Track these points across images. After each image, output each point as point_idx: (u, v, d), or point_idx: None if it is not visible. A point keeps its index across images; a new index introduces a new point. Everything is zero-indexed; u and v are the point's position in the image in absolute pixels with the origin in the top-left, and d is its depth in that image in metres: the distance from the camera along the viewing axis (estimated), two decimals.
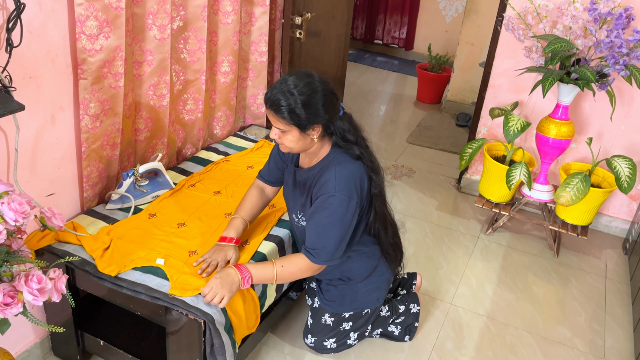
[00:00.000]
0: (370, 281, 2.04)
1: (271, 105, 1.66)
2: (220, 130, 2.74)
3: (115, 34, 1.87)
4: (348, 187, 1.71)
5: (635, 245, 2.85)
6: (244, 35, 2.69)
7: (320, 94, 1.66)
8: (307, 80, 1.66)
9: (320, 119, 1.68)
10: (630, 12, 2.40)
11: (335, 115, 1.72)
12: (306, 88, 1.64)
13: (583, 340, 2.39)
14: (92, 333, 1.97)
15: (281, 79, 1.68)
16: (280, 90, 1.64)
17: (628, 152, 2.95)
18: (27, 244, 1.70)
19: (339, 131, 1.74)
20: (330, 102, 1.68)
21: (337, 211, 1.71)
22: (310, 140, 1.72)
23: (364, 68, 5.77)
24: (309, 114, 1.65)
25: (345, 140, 1.75)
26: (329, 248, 1.75)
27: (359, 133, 1.79)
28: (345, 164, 1.75)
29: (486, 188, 2.98)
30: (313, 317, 2.11)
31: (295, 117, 1.64)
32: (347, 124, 1.75)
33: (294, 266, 1.79)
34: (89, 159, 1.96)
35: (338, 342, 2.12)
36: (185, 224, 2.01)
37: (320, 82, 1.68)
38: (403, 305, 2.25)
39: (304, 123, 1.66)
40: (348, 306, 2.06)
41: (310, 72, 1.71)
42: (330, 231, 1.73)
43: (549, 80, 2.47)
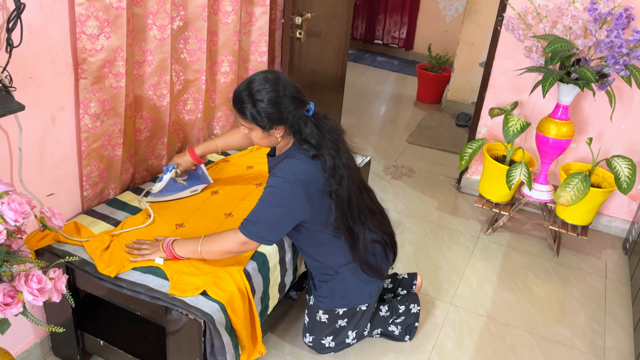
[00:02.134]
0: (358, 276, 2.03)
1: (235, 106, 1.78)
2: (220, 130, 2.74)
3: (116, 34, 1.87)
4: (294, 175, 1.76)
5: (635, 245, 2.85)
6: (244, 35, 2.69)
7: (283, 98, 1.73)
8: (271, 83, 1.72)
9: (282, 121, 1.76)
10: (630, 12, 2.40)
11: (298, 118, 1.77)
12: (269, 92, 1.71)
13: (583, 340, 2.39)
14: (92, 333, 1.97)
15: (247, 80, 1.76)
16: (245, 93, 1.73)
17: (628, 152, 2.95)
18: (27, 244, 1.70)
19: (299, 134, 1.80)
20: (292, 106, 1.75)
21: (276, 192, 1.77)
22: (275, 139, 1.82)
23: (364, 68, 5.77)
24: (271, 117, 1.74)
25: (305, 141, 1.79)
26: (261, 224, 1.76)
27: (327, 136, 1.80)
28: (300, 158, 1.80)
29: (486, 188, 2.98)
30: (309, 315, 2.12)
31: (257, 120, 1.75)
32: (311, 128, 1.78)
33: (218, 236, 1.78)
34: (89, 159, 1.96)
35: (336, 340, 2.12)
36: (184, 225, 2.01)
37: (284, 85, 1.74)
38: (403, 306, 2.25)
39: (266, 125, 1.76)
40: (339, 301, 2.05)
41: (277, 73, 1.77)
42: (266, 208, 1.77)
43: (549, 80, 2.47)
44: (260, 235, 1.76)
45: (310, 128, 1.78)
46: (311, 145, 1.78)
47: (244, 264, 1.83)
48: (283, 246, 2.01)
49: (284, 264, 2.02)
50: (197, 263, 1.81)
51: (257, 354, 1.86)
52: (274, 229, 1.78)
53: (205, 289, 1.70)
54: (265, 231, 1.76)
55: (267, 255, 1.92)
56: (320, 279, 2.05)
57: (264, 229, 1.76)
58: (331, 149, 1.80)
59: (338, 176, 1.80)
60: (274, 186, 1.77)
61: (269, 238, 1.79)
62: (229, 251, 1.78)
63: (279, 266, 1.99)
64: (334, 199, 1.82)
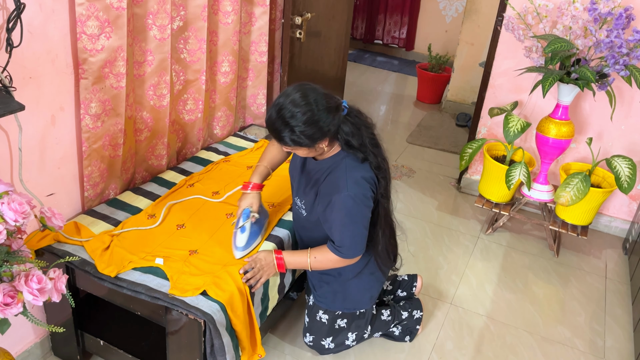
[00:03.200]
0: (361, 280, 2.03)
1: (274, 136, 1.71)
2: (220, 130, 2.74)
3: (116, 34, 1.87)
4: (358, 185, 1.76)
5: (635, 245, 2.85)
6: (244, 35, 2.70)
7: (318, 115, 1.65)
8: (302, 105, 1.64)
9: (324, 135, 1.70)
10: (630, 12, 2.40)
11: (338, 124, 1.73)
12: (303, 115, 1.64)
13: (583, 340, 2.39)
14: (92, 333, 1.97)
15: (277, 107, 1.67)
16: (280, 122, 1.66)
17: (628, 152, 2.95)
18: (27, 244, 1.70)
19: (343, 138, 1.76)
20: (329, 118, 1.68)
21: (353, 209, 1.76)
22: (322, 149, 1.77)
23: (364, 68, 5.77)
24: (311, 137, 1.68)
25: (350, 146, 1.77)
26: (354, 244, 1.83)
27: (365, 132, 1.78)
28: (354, 164, 1.79)
29: (486, 188, 2.98)
30: (309, 315, 2.12)
31: (299, 143, 1.69)
32: (350, 127, 1.75)
33: (325, 258, 1.87)
34: (90, 159, 1.96)
35: (335, 341, 2.12)
36: (185, 226, 2.01)
37: (315, 100, 1.66)
38: (406, 312, 2.26)
39: (309, 144, 1.70)
40: (340, 304, 2.06)
41: (303, 90, 1.68)
42: (352, 228, 1.80)
43: (549, 80, 2.47)
44: (358, 251, 1.85)
45: (349, 127, 1.75)
46: (355, 148, 1.77)
47: (244, 264, 1.83)
48: (283, 246, 2.01)
49: None
50: (197, 263, 1.82)
51: (257, 356, 1.86)
52: (365, 238, 1.85)
53: (205, 289, 1.70)
54: (360, 246, 1.84)
55: None
56: (322, 279, 2.05)
57: (356, 246, 1.83)
58: (371, 145, 1.80)
59: (383, 172, 1.82)
60: (350, 206, 1.76)
61: (363, 248, 1.86)
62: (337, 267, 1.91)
63: None
64: (382, 194, 1.84)
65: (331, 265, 1.89)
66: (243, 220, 1.88)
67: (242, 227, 1.88)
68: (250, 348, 1.83)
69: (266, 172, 2.00)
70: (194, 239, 1.94)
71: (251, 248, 1.91)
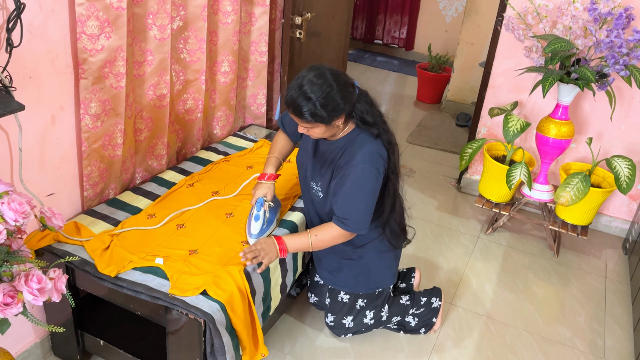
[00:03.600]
0: (383, 259, 2.10)
1: (293, 111, 1.76)
2: (220, 130, 2.74)
3: (116, 34, 1.87)
4: (373, 159, 1.81)
5: (635, 245, 2.85)
6: (244, 35, 2.69)
7: (336, 90, 1.73)
8: (321, 80, 1.72)
9: (342, 111, 1.77)
10: (630, 12, 2.40)
11: (353, 101, 1.80)
12: (322, 89, 1.71)
13: (583, 340, 2.39)
14: (92, 333, 1.97)
15: (296, 85, 1.74)
16: (301, 97, 1.72)
17: (628, 152, 2.95)
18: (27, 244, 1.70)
19: (358, 115, 1.82)
20: (346, 94, 1.76)
21: (365, 182, 1.81)
22: (338, 128, 1.83)
23: (364, 68, 5.77)
24: (330, 111, 1.74)
25: (365, 122, 1.83)
26: (359, 216, 1.86)
27: (376, 110, 1.87)
28: (369, 139, 1.84)
29: (486, 188, 2.98)
30: (330, 297, 2.17)
31: (318, 118, 1.74)
32: (364, 105, 1.83)
33: (327, 235, 1.90)
34: (90, 159, 1.96)
35: (355, 320, 2.16)
36: (185, 225, 2.01)
37: (333, 77, 1.74)
38: (425, 298, 2.29)
39: (327, 119, 1.75)
40: (363, 286, 2.12)
41: (320, 69, 1.76)
42: (360, 200, 1.84)
43: (549, 80, 2.47)
44: (361, 226, 1.88)
45: (363, 105, 1.82)
46: (370, 124, 1.83)
47: (244, 264, 1.83)
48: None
49: (284, 265, 2.02)
50: (197, 263, 1.82)
51: (260, 355, 1.85)
52: (369, 214, 1.88)
53: (206, 289, 1.70)
54: (364, 220, 1.87)
55: None
56: (342, 264, 2.09)
57: (362, 220, 1.87)
58: (382, 122, 1.86)
59: (392, 147, 1.87)
60: (363, 179, 1.81)
61: (367, 225, 1.89)
62: (339, 242, 1.94)
63: (280, 267, 1.99)
64: (391, 170, 1.89)
65: (333, 241, 1.91)
66: (257, 209, 1.92)
67: (256, 215, 1.92)
68: (252, 347, 1.83)
69: (278, 163, 2.07)
70: (194, 239, 1.94)
71: (265, 235, 1.96)
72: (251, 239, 1.92)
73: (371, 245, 2.06)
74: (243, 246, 1.93)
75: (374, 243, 2.06)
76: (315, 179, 1.97)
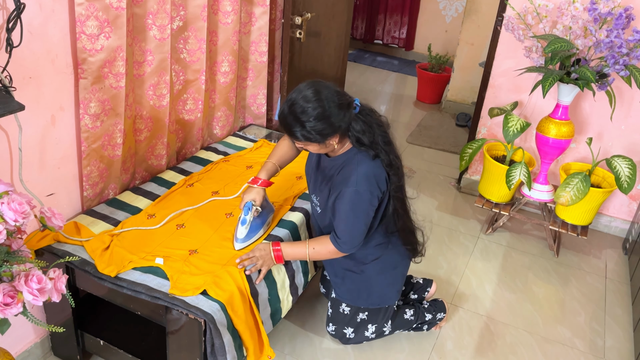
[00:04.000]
0: (385, 276, 2.07)
1: (285, 131, 1.76)
2: (220, 130, 2.74)
3: (116, 34, 1.87)
4: (368, 182, 1.79)
5: (635, 245, 2.85)
6: (244, 35, 2.69)
7: (329, 111, 1.69)
8: (313, 100, 1.68)
9: (334, 131, 1.73)
10: (630, 12, 2.40)
11: (348, 121, 1.75)
12: (314, 110, 1.68)
13: (583, 340, 2.39)
14: (92, 333, 1.97)
15: (288, 102, 1.72)
16: (291, 117, 1.70)
17: (628, 152, 2.95)
18: (27, 244, 1.70)
19: (354, 135, 1.78)
20: (340, 115, 1.71)
21: (357, 205, 1.81)
22: (332, 146, 1.80)
23: (364, 68, 5.77)
24: (322, 132, 1.71)
25: (361, 143, 1.79)
26: (352, 239, 1.87)
27: (377, 130, 1.81)
28: (366, 160, 1.81)
29: (486, 188, 2.98)
30: (332, 307, 2.17)
31: (309, 139, 1.73)
32: (361, 126, 1.77)
33: (324, 249, 1.91)
34: (89, 159, 1.96)
35: (356, 332, 2.16)
36: (185, 226, 2.01)
37: (326, 97, 1.69)
38: (430, 315, 2.29)
39: (319, 139, 1.73)
40: (365, 300, 2.10)
41: (315, 85, 1.72)
42: (353, 224, 1.84)
43: (549, 80, 2.47)
44: (351, 247, 1.89)
45: (360, 125, 1.78)
46: (367, 145, 1.79)
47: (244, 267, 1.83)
48: None
49: (289, 265, 2.02)
50: (197, 263, 1.82)
51: (266, 357, 1.85)
52: (362, 234, 1.88)
53: (206, 289, 1.70)
54: (354, 242, 1.88)
55: None
56: (345, 276, 2.08)
57: (355, 242, 1.88)
58: (383, 143, 1.82)
59: (394, 169, 1.85)
60: (356, 201, 1.80)
61: (361, 243, 1.90)
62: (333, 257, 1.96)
63: (284, 267, 1.99)
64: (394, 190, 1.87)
65: (328, 256, 1.93)
66: (245, 213, 1.90)
67: (243, 220, 1.91)
68: (256, 348, 1.83)
69: (274, 169, 2.03)
70: (193, 239, 1.94)
71: (251, 241, 1.95)
72: (236, 244, 1.92)
73: (374, 263, 2.03)
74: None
75: (377, 261, 2.03)
76: (316, 192, 1.97)
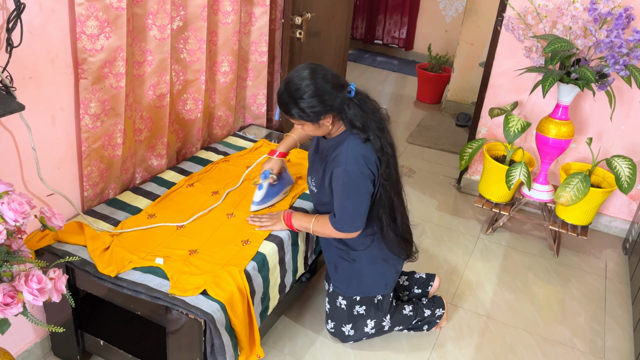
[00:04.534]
0: (375, 266, 2.09)
1: (280, 107, 1.84)
2: (220, 130, 2.74)
3: (116, 34, 1.87)
4: (357, 162, 1.84)
5: (635, 245, 2.85)
6: (244, 35, 2.69)
7: (322, 89, 1.77)
8: (307, 78, 1.77)
9: (326, 111, 1.80)
10: (630, 12, 2.40)
11: (341, 102, 1.82)
12: (307, 87, 1.76)
13: (583, 340, 2.39)
14: (92, 333, 1.97)
15: (285, 80, 1.81)
16: (286, 94, 1.79)
17: (628, 152, 2.95)
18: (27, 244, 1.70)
19: (347, 119, 1.85)
20: (333, 93, 1.79)
21: (349, 184, 1.85)
22: (327, 127, 1.87)
23: (364, 68, 5.77)
24: (315, 111, 1.78)
25: (353, 126, 1.85)
26: (347, 217, 1.90)
27: (371, 116, 1.87)
28: (356, 141, 1.86)
29: (486, 188, 2.98)
30: (329, 302, 2.18)
31: (304, 116, 1.80)
32: (355, 109, 1.84)
33: (325, 225, 1.96)
34: (90, 159, 1.96)
35: (355, 328, 2.17)
36: (185, 225, 2.01)
37: (322, 76, 1.78)
38: (429, 310, 2.29)
39: (312, 118, 1.81)
40: (355, 289, 2.12)
41: (312, 66, 1.80)
42: (346, 202, 1.88)
43: (549, 81, 2.47)
44: (352, 226, 1.92)
45: (354, 109, 1.84)
46: (359, 128, 1.84)
47: (244, 264, 1.83)
48: (283, 246, 2.01)
49: (283, 265, 2.02)
50: (197, 263, 1.82)
51: (255, 357, 1.86)
52: (361, 215, 1.92)
53: (206, 289, 1.70)
54: (354, 221, 1.91)
55: (267, 256, 1.92)
56: (337, 264, 2.11)
57: (353, 221, 1.91)
58: (376, 129, 1.86)
59: (386, 156, 1.88)
60: (346, 180, 1.84)
61: (359, 224, 1.93)
62: (332, 237, 2.00)
63: (279, 267, 2.00)
64: (383, 177, 1.90)
65: (328, 232, 1.97)
66: (262, 179, 2.09)
67: (259, 185, 2.10)
68: (248, 348, 1.83)
69: (293, 143, 2.20)
70: (194, 239, 1.94)
71: (265, 205, 2.13)
72: (252, 206, 2.10)
73: (365, 252, 2.06)
74: (243, 246, 1.93)
75: (367, 250, 2.06)
76: (312, 174, 2.03)
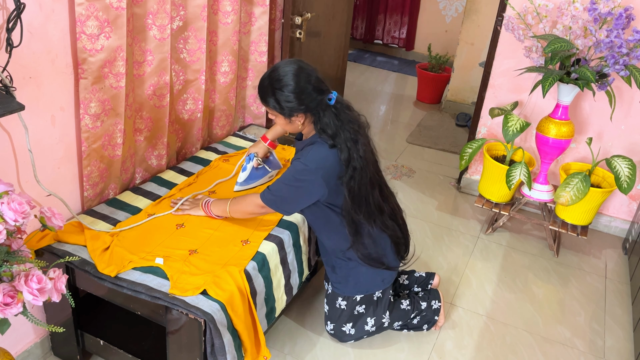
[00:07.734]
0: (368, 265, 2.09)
1: (259, 94, 1.90)
2: (220, 130, 2.74)
3: (116, 34, 1.87)
4: (314, 161, 1.87)
5: (635, 245, 2.85)
6: (244, 35, 2.70)
7: (302, 87, 1.81)
8: (291, 73, 1.81)
9: (302, 110, 1.85)
10: (630, 12, 2.40)
11: (317, 106, 1.85)
12: (289, 82, 1.81)
13: (583, 340, 2.39)
14: (92, 333, 1.97)
15: (271, 68, 1.86)
16: (267, 82, 1.85)
17: (628, 152, 2.95)
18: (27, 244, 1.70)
19: (319, 123, 1.88)
20: (312, 95, 1.83)
21: (296, 175, 1.89)
22: (297, 125, 1.92)
23: (364, 68, 5.77)
24: (290, 106, 1.83)
25: (323, 131, 1.88)
26: (277, 196, 1.92)
27: (346, 126, 1.88)
28: (322, 144, 1.89)
29: (486, 188, 2.98)
30: (328, 303, 2.18)
31: (277, 108, 1.86)
32: (330, 117, 1.87)
33: (243, 201, 1.98)
34: (90, 159, 1.96)
35: (355, 327, 2.17)
36: (184, 225, 2.01)
37: (305, 75, 1.82)
38: (425, 302, 2.29)
39: (286, 113, 1.86)
40: (352, 288, 2.12)
41: (299, 63, 1.85)
42: (284, 185, 1.91)
43: (549, 80, 2.47)
44: (274, 205, 1.93)
45: (329, 118, 1.86)
46: (328, 134, 1.86)
47: (244, 264, 1.83)
48: (283, 246, 2.01)
49: (286, 265, 2.02)
50: (197, 262, 1.82)
51: (262, 358, 1.85)
52: (289, 203, 1.94)
53: (206, 289, 1.70)
54: (279, 203, 1.93)
55: (266, 255, 1.92)
56: (334, 263, 2.11)
57: (279, 201, 1.93)
58: (349, 140, 1.87)
59: (352, 167, 1.88)
60: (295, 169, 1.89)
61: (284, 209, 1.96)
62: (250, 212, 1.99)
63: (281, 267, 1.99)
64: (346, 188, 1.90)
65: (246, 206, 1.97)
66: (246, 162, 2.21)
67: (243, 167, 2.22)
68: (253, 349, 1.83)
69: (280, 130, 2.26)
70: (194, 239, 1.94)
71: (249, 186, 2.23)
72: (235, 187, 2.22)
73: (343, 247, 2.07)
74: (243, 246, 1.93)
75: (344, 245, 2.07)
76: None
